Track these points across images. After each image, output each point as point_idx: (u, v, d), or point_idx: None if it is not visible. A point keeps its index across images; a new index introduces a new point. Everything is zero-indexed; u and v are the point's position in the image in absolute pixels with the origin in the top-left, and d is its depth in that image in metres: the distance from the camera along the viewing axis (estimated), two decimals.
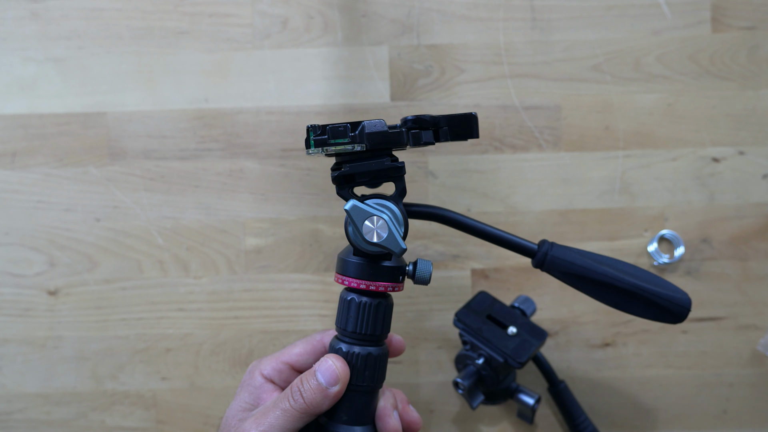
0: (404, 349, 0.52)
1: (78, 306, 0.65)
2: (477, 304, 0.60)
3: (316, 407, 0.44)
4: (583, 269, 0.46)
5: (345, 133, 0.44)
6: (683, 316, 0.46)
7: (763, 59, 0.64)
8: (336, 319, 0.47)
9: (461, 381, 0.57)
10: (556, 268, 0.47)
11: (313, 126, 0.44)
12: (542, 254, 0.47)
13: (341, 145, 0.44)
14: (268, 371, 0.48)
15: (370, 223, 0.44)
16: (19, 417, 0.65)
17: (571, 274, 0.47)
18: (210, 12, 0.65)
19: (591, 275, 0.46)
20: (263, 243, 0.65)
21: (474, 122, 0.45)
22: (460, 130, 0.45)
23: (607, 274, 0.46)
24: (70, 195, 0.65)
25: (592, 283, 0.46)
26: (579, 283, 0.47)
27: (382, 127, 0.44)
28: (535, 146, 0.65)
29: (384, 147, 0.44)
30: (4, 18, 0.65)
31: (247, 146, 0.65)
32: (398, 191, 0.46)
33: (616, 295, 0.46)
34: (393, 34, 0.65)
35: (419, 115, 0.45)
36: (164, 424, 0.65)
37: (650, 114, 0.65)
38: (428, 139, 0.45)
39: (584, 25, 0.65)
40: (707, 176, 0.65)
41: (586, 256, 0.47)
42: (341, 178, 0.46)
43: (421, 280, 0.47)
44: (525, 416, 0.62)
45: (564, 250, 0.47)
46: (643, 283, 0.46)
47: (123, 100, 0.65)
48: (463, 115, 0.45)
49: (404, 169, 0.46)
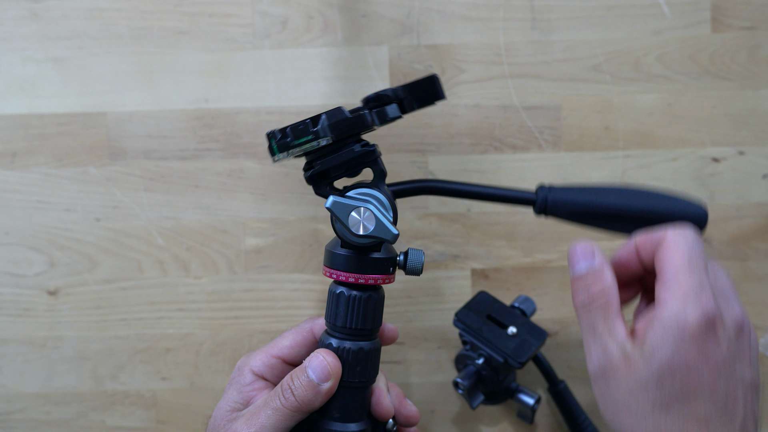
0: (397, 336, 0.51)
1: (78, 306, 0.65)
2: (477, 304, 0.59)
3: (308, 405, 0.43)
4: (587, 206, 0.44)
5: (306, 130, 0.41)
6: (702, 226, 0.44)
7: (763, 59, 0.64)
8: (325, 314, 0.46)
9: (461, 381, 0.57)
10: (559, 211, 0.45)
11: (272, 132, 0.42)
12: (542, 200, 0.45)
13: (306, 144, 0.42)
14: (259, 367, 0.47)
15: (357, 214, 0.42)
16: (19, 417, 0.65)
17: (575, 212, 0.45)
18: (210, 12, 0.65)
19: (596, 210, 0.44)
20: (263, 243, 0.65)
21: (436, 83, 0.43)
22: (425, 96, 0.43)
23: (614, 205, 0.44)
24: (70, 195, 0.65)
25: (599, 218, 0.44)
26: (586, 219, 0.45)
27: (342, 114, 0.42)
28: (535, 146, 0.65)
29: (350, 134, 0.42)
30: (4, 18, 0.65)
31: (247, 146, 0.65)
32: (377, 175, 0.44)
33: (627, 224, 0.44)
34: (393, 34, 0.65)
35: (380, 92, 0.43)
36: (164, 424, 0.65)
37: (650, 114, 0.65)
38: (394, 113, 0.43)
39: (584, 25, 0.65)
40: (707, 176, 0.65)
41: (588, 192, 0.45)
42: (315, 177, 0.44)
43: (413, 270, 0.45)
44: (525, 416, 0.62)
45: (563, 191, 0.45)
46: (652, 207, 0.44)
47: (123, 100, 0.65)
48: (424, 80, 0.43)
49: (377, 151, 0.44)
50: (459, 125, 0.65)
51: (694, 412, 0.37)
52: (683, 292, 0.38)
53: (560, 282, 0.64)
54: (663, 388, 0.38)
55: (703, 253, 0.40)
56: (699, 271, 0.39)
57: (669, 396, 0.38)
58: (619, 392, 0.39)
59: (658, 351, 0.38)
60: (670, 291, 0.39)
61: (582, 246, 0.41)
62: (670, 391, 0.38)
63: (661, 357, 0.38)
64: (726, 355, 0.38)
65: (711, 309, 0.38)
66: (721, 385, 0.38)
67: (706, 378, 0.37)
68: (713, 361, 0.38)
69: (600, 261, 0.41)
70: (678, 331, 0.38)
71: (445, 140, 0.65)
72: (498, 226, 0.65)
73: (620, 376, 0.39)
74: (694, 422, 0.37)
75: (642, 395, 0.38)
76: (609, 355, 0.39)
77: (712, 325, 0.38)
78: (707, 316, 0.37)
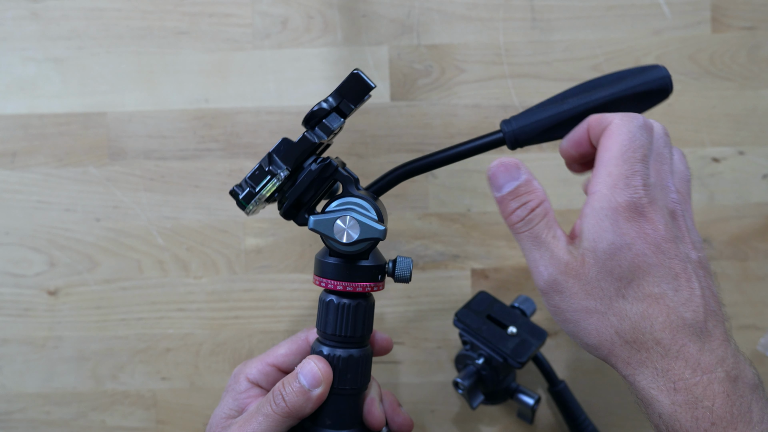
0: (391, 347, 0.51)
1: (78, 306, 0.65)
2: (477, 304, 0.59)
3: (299, 411, 0.43)
4: (553, 118, 0.44)
5: (262, 173, 0.43)
6: (668, 86, 0.44)
7: (763, 59, 0.64)
8: (316, 322, 0.46)
9: (461, 381, 0.57)
10: (530, 136, 0.45)
11: (232, 190, 0.43)
12: (510, 134, 0.45)
13: (269, 184, 0.43)
14: (254, 375, 0.47)
15: (341, 223, 0.43)
16: (19, 417, 0.65)
17: (545, 130, 0.44)
18: (210, 12, 0.65)
19: (563, 118, 0.44)
20: (263, 243, 0.65)
21: (360, 77, 0.43)
22: (357, 92, 0.43)
23: (576, 106, 0.44)
24: (70, 195, 0.65)
25: (569, 124, 0.44)
26: (558, 131, 0.45)
27: (288, 143, 0.43)
28: (535, 146, 0.65)
29: (303, 158, 0.43)
30: (4, 18, 0.65)
31: (247, 146, 0.65)
32: (345, 182, 0.45)
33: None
34: (393, 34, 0.65)
35: (313, 109, 0.43)
36: (164, 424, 0.65)
37: (650, 114, 0.65)
38: (336, 122, 0.44)
39: (584, 25, 0.65)
40: (707, 176, 0.65)
41: (547, 106, 0.45)
42: (290, 210, 0.45)
43: (401, 278, 0.46)
44: (525, 416, 0.62)
45: (526, 115, 0.45)
46: (613, 89, 0.44)
47: (123, 100, 0.65)
48: (347, 80, 0.43)
49: (333, 162, 0.44)
50: (459, 125, 0.65)
51: (648, 291, 0.38)
52: (613, 179, 0.38)
53: None
54: (613, 275, 0.38)
55: (644, 143, 0.39)
56: (632, 161, 0.39)
57: (620, 281, 0.38)
58: (576, 296, 0.39)
59: (598, 238, 0.38)
60: (599, 178, 0.39)
61: (503, 162, 0.41)
62: (620, 275, 0.38)
63: (602, 243, 0.38)
64: (665, 234, 0.38)
65: (639, 194, 0.38)
66: (666, 261, 0.38)
67: (650, 256, 0.38)
68: (653, 239, 0.38)
69: (527, 172, 0.41)
70: (611, 213, 0.38)
71: (445, 140, 0.65)
72: (498, 226, 0.65)
73: (572, 279, 0.39)
74: (651, 302, 0.38)
75: (597, 290, 0.38)
76: (558, 260, 0.39)
77: (641, 207, 0.38)
78: (635, 200, 0.38)
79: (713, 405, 0.36)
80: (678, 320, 0.37)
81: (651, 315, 0.38)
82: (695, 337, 0.37)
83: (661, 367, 0.37)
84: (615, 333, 0.38)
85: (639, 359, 0.38)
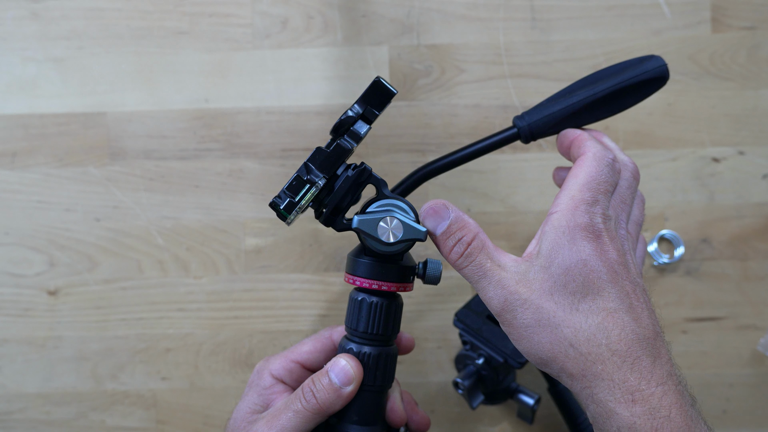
0: (413, 347, 0.52)
1: (78, 306, 0.65)
2: (477, 304, 0.60)
3: (329, 407, 0.44)
4: (561, 111, 0.47)
5: (301, 183, 0.44)
6: (666, 74, 0.47)
7: (763, 59, 0.64)
8: (345, 319, 0.47)
9: (461, 381, 0.57)
10: (543, 129, 0.48)
11: (272, 202, 0.44)
12: (525, 128, 0.48)
13: (307, 194, 0.44)
14: (278, 371, 0.48)
15: (384, 224, 0.44)
16: (19, 417, 0.65)
17: (557, 122, 0.47)
18: (210, 12, 0.65)
19: (572, 110, 0.47)
20: (263, 243, 0.65)
21: (382, 84, 0.45)
22: (380, 99, 0.45)
23: (584, 98, 0.47)
24: (70, 195, 0.65)
25: (579, 115, 0.47)
26: (569, 123, 0.47)
27: (323, 152, 0.44)
28: (535, 146, 0.65)
29: (337, 166, 0.45)
30: (4, 18, 0.65)
31: (247, 146, 0.65)
32: (379, 186, 0.46)
33: (603, 106, 0.47)
34: (393, 34, 0.65)
35: (341, 118, 0.45)
36: (164, 424, 0.65)
37: (650, 114, 0.65)
38: (364, 129, 0.45)
39: (584, 25, 0.65)
40: (707, 176, 0.65)
41: (557, 99, 0.48)
42: (330, 218, 0.46)
43: (432, 279, 0.46)
44: (525, 416, 0.62)
45: (537, 110, 0.48)
46: (616, 80, 0.47)
47: (123, 100, 0.65)
48: (371, 87, 0.45)
49: (367, 167, 0.46)
50: (459, 125, 0.65)
51: (603, 306, 0.39)
52: (575, 203, 0.40)
53: None
54: (567, 289, 0.39)
55: (609, 180, 0.42)
56: (596, 191, 0.41)
57: (574, 295, 0.39)
58: (527, 312, 0.40)
59: (555, 254, 0.40)
60: (562, 200, 0.41)
61: (431, 206, 0.43)
62: (574, 290, 0.39)
63: (558, 258, 0.39)
64: (618, 258, 0.40)
65: (597, 220, 0.40)
66: (619, 281, 0.39)
67: (604, 273, 0.39)
68: (607, 260, 0.39)
69: (456, 210, 0.43)
70: (569, 231, 0.40)
71: (445, 140, 0.65)
72: (498, 226, 0.65)
73: (524, 298, 0.40)
74: (606, 315, 0.39)
75: (551, 304, 0.39)
76: (505, 284, 0.40)
77: (598, 231, 0.40)
78: (594, 223, 0.40)
79: (670, 414, 0.37)
80: (632, 334, 0.39)
81: (606, 327, 0.39)
82: (648, 351, 0.39)
83: (618, 378, 0.38)
84: (569, 345, 0.39)
85: (594, 371, 0.38)
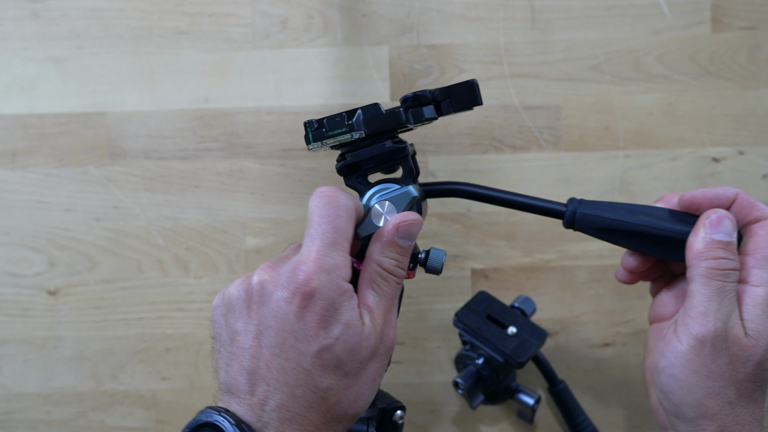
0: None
1: (78, 306, 0.65)
2: (477, 304, 0.59)
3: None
4: (615, 222, 0.44)
5: (342, 122, 0.43)
6: None
7: (763, 59, 0.64)
8: None
9: (461, 381, 0.57)
10: (587, 226, 0.45)
11: (310, 121, 0.44)
12: (571, 213, 0.46)
13: (340, 135, 0.43)
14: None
15: (380, 207, 0.43)
16: (19, 417, 0.65)
17: (604, 229, 0.45)
18: (210, 12, 0.65)
19: (625, 227, 0.44)
20: (263, 243, 0.65)
21: (475, 89, 0.44)
22: (463, 100, 0.44)
23: (643, 224, 0.44)
24: (70, 195, 0.65)
25: (627, 235, 0.45)
26: (614, 236, 0.45)
27: (377, 110, 0.43)
28: (535, 146, 0.65)
29: (383, 130, 0.44)
30: (4, 18, 0.65)
31: (247, 146, 0.65)
32: (405, 172, 0.45)
33: (654, 244, 0.44)
34: (393, 34, 0.65)
35: (417, 92, 0.44)
36: (164, 424, 0.65)
37: (650, 114, 0.65)
38: (430, 114, 0.44)
39: (584, 25, 0.65)
40: (707, 176, 0.65)
41: (618, 208, 0.45)
42: (345, 168, 0.45)
43: (433, 269, 0.46)
44: (525, 416, 0.62)
45: (593, 206, 0.46)
46: (681, 229, 0.44)
47: (123, 100, 0.65)
48: (462, 84, 0.44)
49: (407, 149, 0.45)
50: (459, 125, 0.65)
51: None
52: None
53: (560, 282, 0.64)
54: (764, 371, 0.39)
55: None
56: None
57: (756, 383, 0.39)
58: (719, 367, 0.39)
59: (765, 333, 0.39)
60: (763, 275, 0.40)
61: (715, 213, 0.42)
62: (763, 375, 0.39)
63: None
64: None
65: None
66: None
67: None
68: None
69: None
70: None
71: (445, 140, 0.65)
72: (498, 226, 0.65)
73: (729, 354, 0.39)
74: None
75: (743, 376, 0.39)
76: (728, 325, 0.39)
77: None
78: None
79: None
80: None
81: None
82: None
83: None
84: (728, 404, 0.39)
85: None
